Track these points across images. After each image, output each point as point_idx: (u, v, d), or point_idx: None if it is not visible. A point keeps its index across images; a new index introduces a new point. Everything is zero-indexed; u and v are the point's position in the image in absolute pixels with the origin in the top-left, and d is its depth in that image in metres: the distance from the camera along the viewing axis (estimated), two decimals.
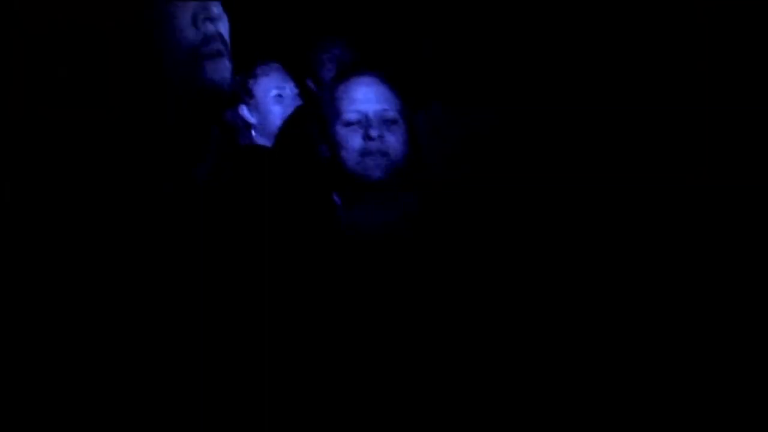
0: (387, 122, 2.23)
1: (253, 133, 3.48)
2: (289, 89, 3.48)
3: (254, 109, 3.45)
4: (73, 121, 1.35)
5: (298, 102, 3.37)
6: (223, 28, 1.50)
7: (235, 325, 1.38)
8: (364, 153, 2.20)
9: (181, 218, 1.37)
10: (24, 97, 1.35)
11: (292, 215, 1.54)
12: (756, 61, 2.28)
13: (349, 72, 2.33)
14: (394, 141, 2.22)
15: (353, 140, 2.21)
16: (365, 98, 2.24)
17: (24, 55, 1.34)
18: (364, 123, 2.22)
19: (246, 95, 3.46)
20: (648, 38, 2.45)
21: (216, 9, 1.48)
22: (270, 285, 1.43)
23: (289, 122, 2.91)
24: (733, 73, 2.33)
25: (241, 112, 3.43)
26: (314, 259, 1.56)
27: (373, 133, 2.19)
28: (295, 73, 3.65)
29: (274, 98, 3.43)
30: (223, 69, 1.47)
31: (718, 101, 2.35)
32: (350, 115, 2.23)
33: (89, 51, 1.35)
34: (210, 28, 1.44)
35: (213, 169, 1.50)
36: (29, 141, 1.35)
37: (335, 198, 2.24)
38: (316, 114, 2.35)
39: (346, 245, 1.62)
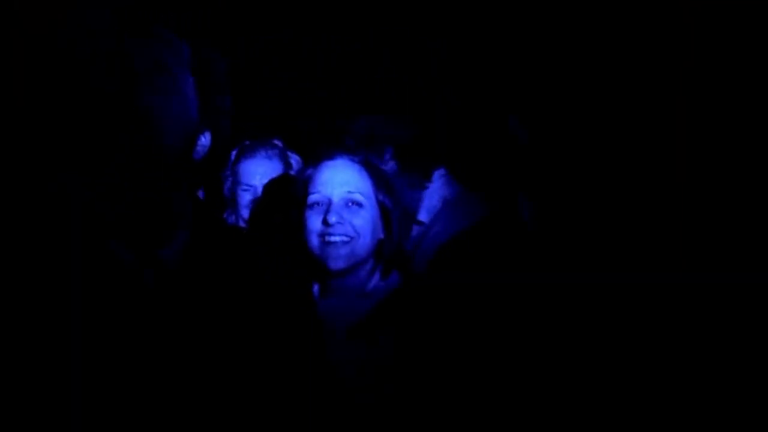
0: (351, 206, 2.17)
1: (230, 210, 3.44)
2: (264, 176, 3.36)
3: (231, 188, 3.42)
4: None
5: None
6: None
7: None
8: (324, 238, 2.13)
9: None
10: None
11: (269, 304, 1.50)
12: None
13: (321, 155, 2.27)
14: (359, 225, 2.15)
15: (314, 223, 2.15)
16: (329, 181, 2.18)
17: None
18: (325, 206, 2.17)
19: (229, 172, 3.43)
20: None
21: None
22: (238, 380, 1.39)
23: (263, 202, 2.84)
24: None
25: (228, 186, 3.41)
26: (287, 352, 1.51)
27: (331, 218, 2.13)
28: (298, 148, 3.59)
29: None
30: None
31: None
32: (312, 197, 2.19)
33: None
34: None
35: (186, 244, 1.46)
36: None
37: (314, 286, 2.18)
38: (289, 196, 2.28)
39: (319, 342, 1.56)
